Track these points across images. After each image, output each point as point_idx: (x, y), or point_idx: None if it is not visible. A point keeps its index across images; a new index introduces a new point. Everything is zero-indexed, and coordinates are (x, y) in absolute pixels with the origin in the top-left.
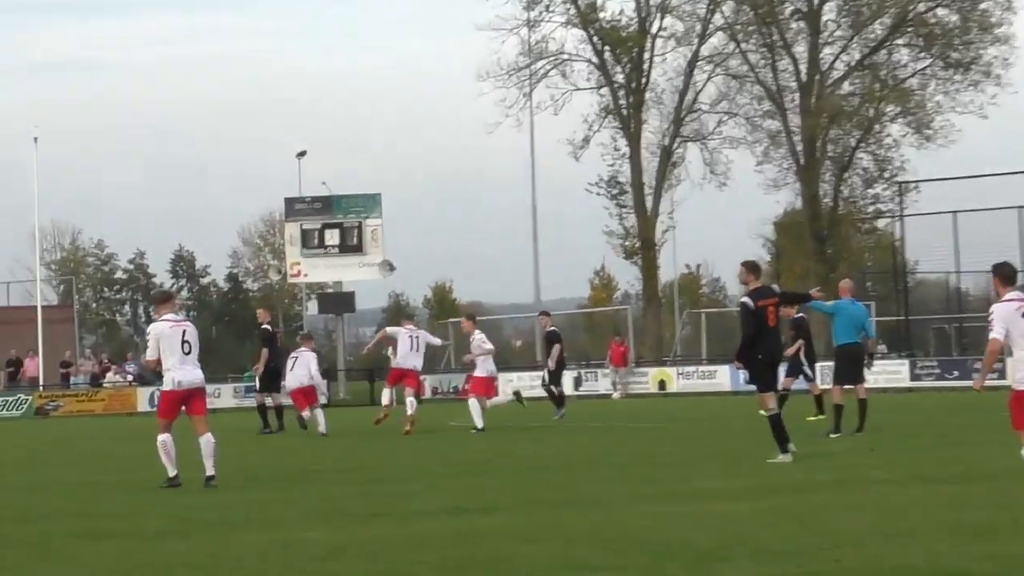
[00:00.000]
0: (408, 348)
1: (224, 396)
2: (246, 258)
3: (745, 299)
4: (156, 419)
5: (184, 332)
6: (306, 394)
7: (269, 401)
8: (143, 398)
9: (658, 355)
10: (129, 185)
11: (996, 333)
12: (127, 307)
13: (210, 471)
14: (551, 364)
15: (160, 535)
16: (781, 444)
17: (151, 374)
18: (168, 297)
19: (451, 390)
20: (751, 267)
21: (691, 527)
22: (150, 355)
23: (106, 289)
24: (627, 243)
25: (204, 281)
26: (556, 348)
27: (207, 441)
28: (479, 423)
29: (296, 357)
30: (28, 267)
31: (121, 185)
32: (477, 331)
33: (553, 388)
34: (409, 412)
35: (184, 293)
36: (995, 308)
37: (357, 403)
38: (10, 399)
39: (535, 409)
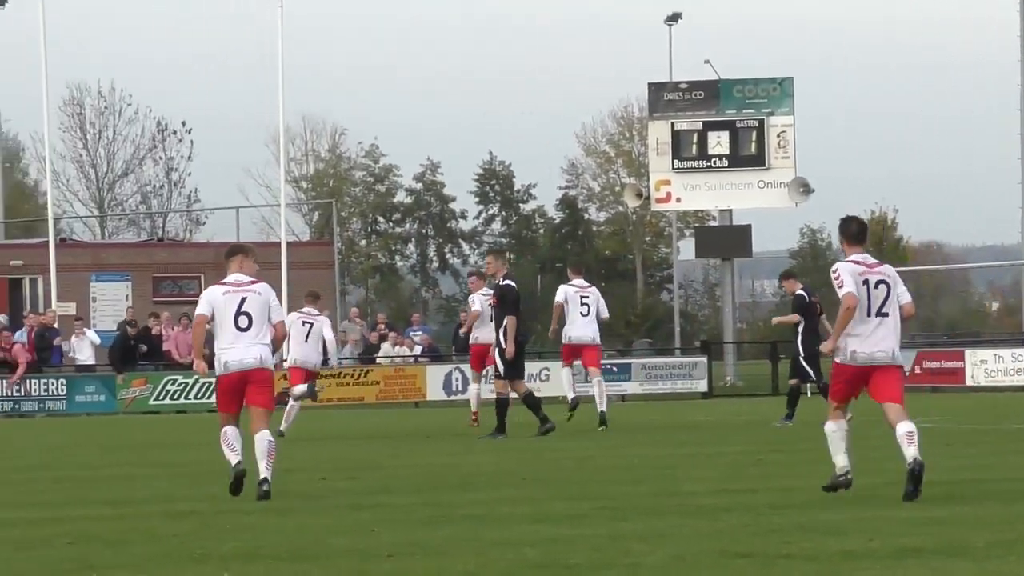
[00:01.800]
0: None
1: (556, 377)
2: (589, 175)
3: None
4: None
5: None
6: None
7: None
8: (435, 380)
9: None
10: (416, 63)
11: (850, 287)
12: (412, 245)
13: (264, 472)
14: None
15: None
16: None
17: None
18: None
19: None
20: None
21: None
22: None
23: (381, 219)
24: None
25: (526, 208)
26: (790, 317)
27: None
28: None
29: (310, 324)
30: (268, 185)
31: (399, 63)
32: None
33: (803, 381)
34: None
35: (495, 226)
36: (840, 266)
37: (751, 390)
38: None
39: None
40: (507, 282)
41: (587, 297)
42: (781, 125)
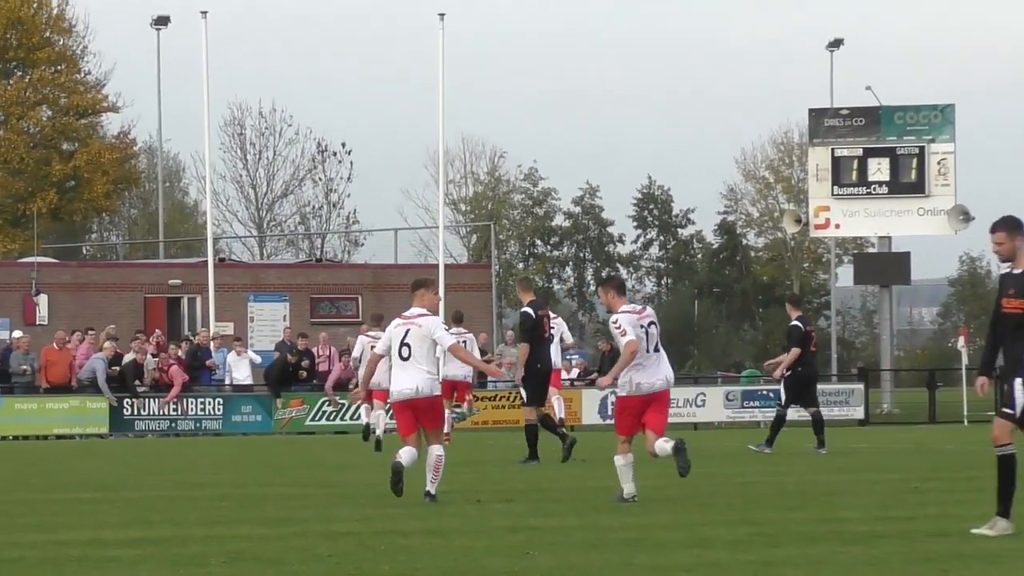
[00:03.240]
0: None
1: (712, 402)
2: (748, 200)
3: None
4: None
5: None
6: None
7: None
8: (590, 403)
9: None
10: (575, 86)
11: (632, 335)
12: (569, 269)
13: (428, 486)
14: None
15: None
16: None
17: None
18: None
19: None
20: None
21: None
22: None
23: (539, 242)
24: None
25: (684, 233)
26: (792, 352)
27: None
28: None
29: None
30: (427, 207)
31: (559, 85)
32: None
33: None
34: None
35: (653, 250)
36: (619, 317)
37: (908, 418)
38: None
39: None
40: (524, 309)
41: (553, 328)
42: (942, 152)
